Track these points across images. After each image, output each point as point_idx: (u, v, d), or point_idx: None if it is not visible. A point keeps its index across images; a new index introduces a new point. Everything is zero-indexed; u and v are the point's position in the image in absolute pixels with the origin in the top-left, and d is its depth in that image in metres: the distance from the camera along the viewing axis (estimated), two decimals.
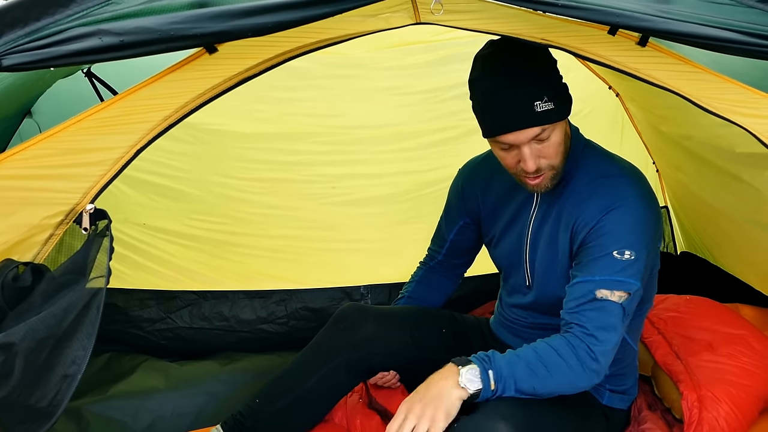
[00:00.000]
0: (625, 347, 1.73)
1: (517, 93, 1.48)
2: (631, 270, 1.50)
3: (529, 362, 1.47)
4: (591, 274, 1.52)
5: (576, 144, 1.65)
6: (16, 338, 1.21)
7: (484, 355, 1.48)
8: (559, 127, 1.54)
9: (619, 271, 1.50)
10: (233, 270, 2.67)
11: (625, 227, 1.53)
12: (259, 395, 1.82)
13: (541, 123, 1.49)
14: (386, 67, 2.53)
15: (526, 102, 1.47)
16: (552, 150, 1.54)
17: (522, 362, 1.47)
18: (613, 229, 1.53)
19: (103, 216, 1.36)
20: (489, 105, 1.53)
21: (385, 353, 1.82)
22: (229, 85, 1.39)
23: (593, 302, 1.49)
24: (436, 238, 2.06)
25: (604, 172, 1.63)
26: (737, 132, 1.39)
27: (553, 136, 1.52)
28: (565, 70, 2.49)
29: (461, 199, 1.92)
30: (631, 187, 1.60)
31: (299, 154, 2.61)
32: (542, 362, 1.47)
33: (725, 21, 1.14)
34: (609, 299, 1.49)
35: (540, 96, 1.47)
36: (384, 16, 1.39)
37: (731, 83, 1.36)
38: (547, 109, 1.48)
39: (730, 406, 1.73)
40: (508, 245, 1.78)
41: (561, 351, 1.48)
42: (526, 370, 1.46)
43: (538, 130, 1.50)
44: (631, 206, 1.55)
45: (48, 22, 1.05)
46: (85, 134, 1.30)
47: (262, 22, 1.09)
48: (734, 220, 2.24)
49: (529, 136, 1.50)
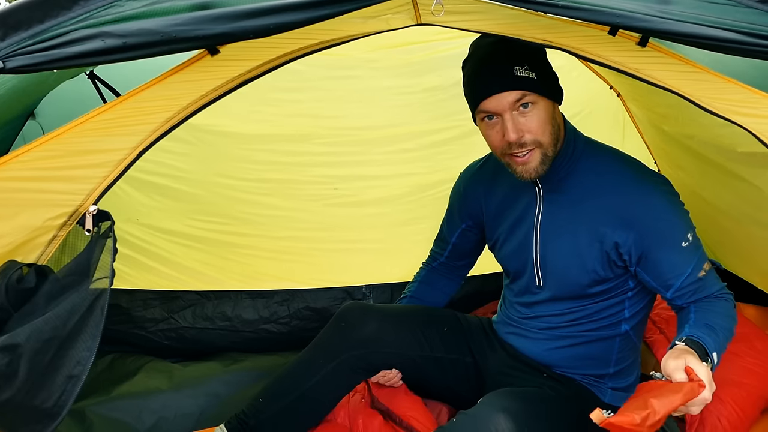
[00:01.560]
0: (629, 344, 1.74)
1: (498, 60, 1.53)
2: (698, 247, 1.61)
3: (721, 330, 1.51)
4: (682, 272, 1.59)
5: (572, 137, 1.66)
6: (21, 339, 1.22)
7: (695, 336, 1.49)
8: (542, 102, 1.55)
9: (696, 256, 1.59)
10: (236, 270, 2.67)
11: (670, 217, 1.59)
12: (262, 395, 1.82)
13: (519, 87, 1.51)
14: (387, 67, 2.54)
15: (506, 66, 1.51)
16: (535, 123, 1.54)
17: (717, 331, 1.51)
18: (664, 225, 1.59)
19: (107, 217, 1.37)
20: (473, 75, 1.57)
21: (387, 352, 1.83)
22: (231, 87, 1.39)
23: (700, 281, 1.59)
24: (438, 241, 2.06)
25: (611, 168, 1.65)
26: (738, 131, 1.39)
27: (535, 110, 1.54)
28: (566, 70, 2.53)
29: (463, 203, 1.93)
30: (646, 177, 1.64)
31: (301, 155, 2.62)
32: (729, 326, 1.55)
33: (725, 21, 1.14)
34: (706, 272, 1.60)
35: (520, 62, 1.51)
36: (385, 17, 1.40)
37: (731, 83, 1.36)
38: (526, 76, 1.50)
39: (732, 406, 1.73)
40: (514, 246, 1.78)
41: (731, 312, 1.59)
42: (723, 334, 1.51)
43: (517, 95, 1.51)
44: (659, 195, 1.61)
45: (51, 25, 1.05)
46: (88, 136, 1.31)
47: (263, 23, 1.10)
48: (736, 219, 2.24)
49: (509, 101, 1.52)
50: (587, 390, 1.73)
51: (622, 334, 1.72)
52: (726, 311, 1.58)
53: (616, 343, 1.72)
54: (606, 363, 1.73)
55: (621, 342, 1.73)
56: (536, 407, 1.51)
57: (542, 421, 1.52)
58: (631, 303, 1.70)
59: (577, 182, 1.65)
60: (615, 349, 1.73)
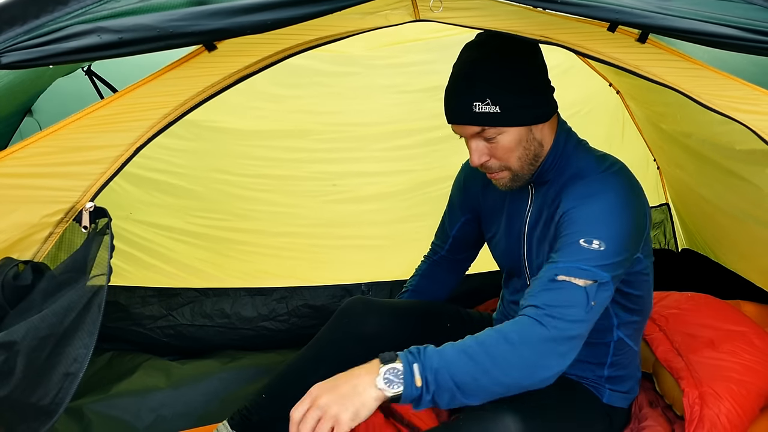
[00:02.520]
0: (626, 349, 1.72)
1: (460, 89, 1.51)
2: (597, 260, 1.41)
3: (467, 349, 1.33)
4: (555, 261, 1.45)
5: (562, 146, 1.61)
6: (18, 336, 1.21)
7: (416, 348, 1.36)
8: (511, 131, 1.51)
9: (583, 260, 1.41)
10: (235, 267, 2.67)
11: (596, 216, 1.47)
12: (265, 391, 1.82)
13: (477, 123, 1.49)
14: (385, 64, 2.54)
15: (465, 100, 1.49)
16: (501, 152, 1.53)
17: (458, 350, 1.34)
18: (583, 217, 1.48)
19: (104, 214, 1.36)
20: (446, 93, 1.56)
21: (390, 347, 1.82)
22: (228, 83, 1.39)
23: (552, 282, 1.40)
24: (439, 233, 2.06)
25: (592, 169, 1.59)
26: (737, 129, 1.39)
27: (501, 139, 1.51)
28: (565, 67, 2.54)
29: (463, 196, 1.93)
30: (614, 181, 1.54)
31: (300, 151, 2.62)
32: (484, 349, 1.32)
33: (725, 17, 1.14)
34: (570, 281, 1.39)
35: (481, 98, 1.47)
36: (383, 13, 1.39)
37: (731, 80, 1.36)
38: (486, 111, 1.47)
39: (732, 403, 1.73)
40: (507, 245, 1.78)
41: (509, 335, 1.34)
42: (464, 357, 1.32)
43: (477, 129, 1.50)
44: (609, 197, 1.49)
45: (47, 20, 1.05)
46: (85, 132, 1.30)
47: (261, 19, 1.09)
48: (735, 217, 2.24)
49: (469, 132, 1.52)
50: (586, 389, 1.72)
51: (616, 341, 1.70)
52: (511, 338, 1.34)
53: (610, 348, 1.70)
54: (600, 366, 1.71)
55: (615, 347, 1.70)
56: (541, 408, 1.50)
57: (548, 422, 1.51)
58: (617, 310, 1.66)
59: (559, 185, 1.62)
60: (609, 353, 1.70)
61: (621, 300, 1.65)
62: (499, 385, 1.33)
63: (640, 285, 1.66)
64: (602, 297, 1.43)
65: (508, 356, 1.33)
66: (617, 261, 1.45)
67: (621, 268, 1.48)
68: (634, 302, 1.68)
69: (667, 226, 3.01)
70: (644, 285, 1.68)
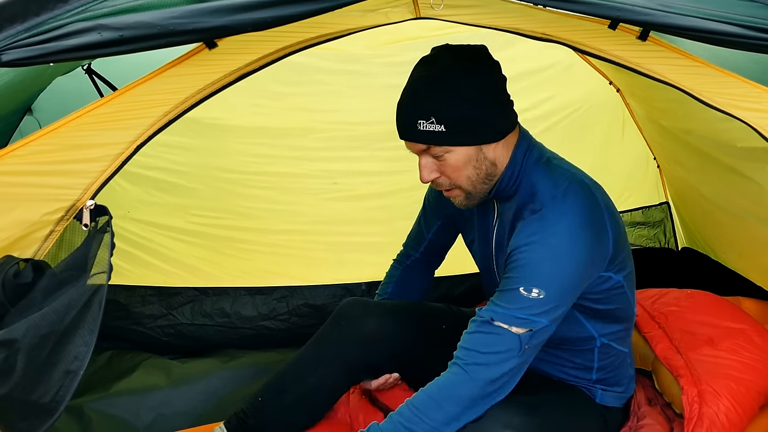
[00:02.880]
0: (613, 352, 1.71)
1: (407, 106, 1.50)
2: (535, 308, 1.43)
3: (402, 421, 1.44)
4: (494, 304, 1.48)
5: (519, 162, 1.55)
6: (18, 334, 1.21)
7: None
8: (459, 150, 1.48)
9: (521, 308, 1.44)
10: (235, 266, 2.67)
11: (539, 262, 1.46)
12: (261, 393, 1.81)
13: (422, 141, 1.47)
14: (386, 62, 2.53)
15: (410, 118, 1.47)
16: (450, 170, 1.50)
17: (395, 423, 1.45)
18: (526, 263, 1.47)
19: (104, 212, 1.36)
20: (397, 106, 1.53)
21: (387, 349, 1.82)
22: (229, 81, 1.39)
23: (488, 326, 1.45)
24: (414, 236, 2.04)
25: (541, 199, 1.52)
26: (738, 126, 1.39)
27: (448, 157, 1.48)
28: (565, 65, 2.54)
29: (439, 201, 1.90)
30: (566, 208, 1.49)
31: (300, 149, 2.61)
32: (417, 413, 1.44)
33: (726, 15, 1.14)
34: (505, 328, 1.44)
35: (426, 116, 1.44)
36: (384, 11, 1.40)
37: (732, 77, 1.36)
38: (431, 130, 1.44)
39: (731, 401, 1.73)
40: (480, 251, 1.76)
41: (435, 395, 1.46)
42: (402, 429, 1.43)
43: (423, 146, 1.49)
44: (553, 240, 1.46)
45: (47, 17, 1.04)
46: (85, 130, 1.30)
47: (261, 16, 1.09)
48: (735, 214, 2.24)
49: (416, 149, 1.51)
50: (579, 390, 1.72)
51: (600, 346, 1.68)
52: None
53: (595, 353, 1.68)
54: (588, 370, 1.70)
55: (601, 352, 1.68)
56: (538, 416, 1.50)
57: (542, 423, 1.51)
58: (594, 323, 1.64)
59: (516, 203, 1.58)
60: (595, 358, 1.69)
61: (596, 315, 1.63)
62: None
63: (613, 299, 1.62)
64: (538, 339, 1.48)
65: (436, 416, 1.44)
66: (557, 305, 1.46)
67: (563, 308, 1.49)
68: (610, 314, 1.65)
69: (667, 225, 3.01)
70: (619, 298, 1.63)
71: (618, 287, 1.61)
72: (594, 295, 1.58)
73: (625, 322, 1.71)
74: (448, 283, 2.63)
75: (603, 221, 1.53)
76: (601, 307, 1.62)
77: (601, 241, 1.52)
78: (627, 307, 1.68)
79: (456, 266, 2.15)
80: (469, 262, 2.28)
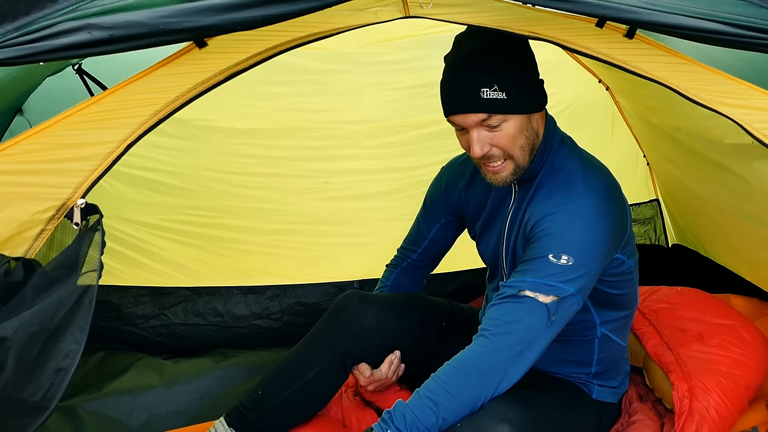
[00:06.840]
0: (612, 345, 1.73)
1: (467, 76, 1.49)
2: (564, 275, 1.45)
3: (429, 394, 1.42)
4: (522, 273, 1.48)
5: (549, 141, 1.61)
6: (9, 332, 1.21)
7: (387, 413, 1.43)
8: (514, 119, 1.50)
9: (551, 275, 1.45)
10: (227, 266, 2.67)
11: (568, 229, 1.49)
12: (261, 387, 1.81)
13: (485, 110, 1.48)
14: (376, 62, 2.54)
15: (473, 87, 1.47)
16: (504, 140, 1.51)
17: (422, 397, 1.42)
18: (554, 230, 1.49)
19: (95, 211, 1.36)
20: (445, 84, 1.55)
21: (385, 342, 1.82)
22: (219, 80, 1.39)
23: (514, 297, 1.46)
24: (412, 237, 2.03)
25: (569, 173, 1.58)
26: (725, 123, 1.40)
27: (505, 126, 1.50)
28: (554, 63, 2.55)
29: (444, 197, 1.91)
30: (589, 190, 1.54)
31: (291, 149, 2.62)
32: (443, 387, 1.42)
33: (712, 12, 1.15)
34: (533, 297, 1.44)
35: (489, 84, 1.46)
36: (373, 9, 1.40)
37: (718, 74, 1.37)
38: (495, 98, 1.46)
39: (720, 396, 1.74)
40: (488, 242, 1.77)
41: (462, 367, 1.44)
42: (428, 403, 1.41)
43: (483, 116, 1.49)
44: (581, 209, 1.50)
45: (37, 17, 1.05)
46: (76, 129, 1.30)
47: (251, 15, 1.10)
48: (724, 211, 2.25)
49: (474, 121, 1.50)
50: (575, 386, 1.73)
51: (600, 337, 1.70)
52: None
53: (595, 345, 1.71)
54: (587, 364, 1.72)
55: (600, 344, 1.71)
56: (535, 411, 1.51)
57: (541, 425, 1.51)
58: (599, 309, 1.67)
59: (538, 185, 1.61)
60: (595, 351, 1.71)
61: (604, 300, 1.65)
62: (465, 411, 1.43)
63: (623, 285, 1.66)
64: (565, 310, 1.47)
65: (462, 388, 1.42)
66: (584, 273, 1.47)
67: (588, 279, 1.50)
68: (618, 300, 1.68)
69: (658, 222, 3.02)
70: (628, 284, 1.68)
71: (629, 272, 1.66)
72: (608, 278, 1.60)
73: (628, 309, 1.74)
74: (440, 281, 2.64)
75: (624, 202, 1.61)
76: (612, 292, 1.64)
77: (624, 219, 1.59)
78: (632, 294, 1.73)
79: (448, 263, 2.15)
80: (461, 260, 2.30)
